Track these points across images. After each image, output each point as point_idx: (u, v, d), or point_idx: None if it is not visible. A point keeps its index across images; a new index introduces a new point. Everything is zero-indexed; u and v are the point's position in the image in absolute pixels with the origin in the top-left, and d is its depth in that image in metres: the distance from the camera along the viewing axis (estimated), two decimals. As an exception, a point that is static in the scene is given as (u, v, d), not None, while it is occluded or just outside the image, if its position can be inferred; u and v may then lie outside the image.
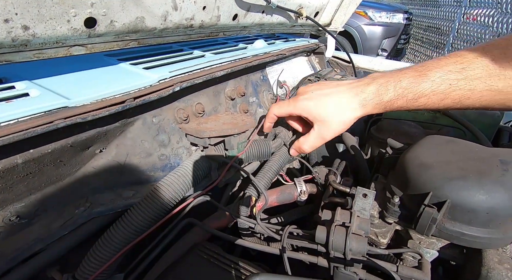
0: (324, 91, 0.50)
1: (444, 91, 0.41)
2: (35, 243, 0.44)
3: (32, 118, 0.34)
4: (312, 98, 0.50)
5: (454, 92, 0.40)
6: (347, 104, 0.48)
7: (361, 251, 0.42)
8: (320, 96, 0.50)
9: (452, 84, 0.40)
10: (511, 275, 0.38)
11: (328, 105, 0.49)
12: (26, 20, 0.34)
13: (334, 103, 0.48)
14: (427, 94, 0.42)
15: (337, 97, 0.48)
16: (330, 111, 0.49)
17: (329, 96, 0.49)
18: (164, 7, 0.50)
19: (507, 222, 0.40)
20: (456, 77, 0.40)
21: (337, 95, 0.49)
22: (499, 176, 0.40)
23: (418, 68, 0.43)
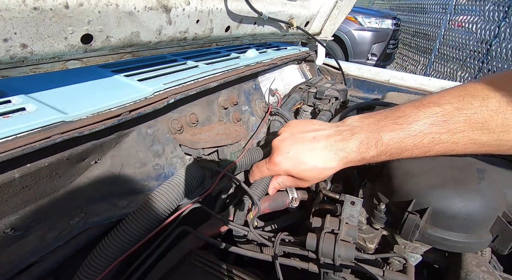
0: (299, 149, 0.48)
1: (427, 144, 0.40)
2: (30, 255, 0.44)
3: (30, 134, 0.35)
4: (288, 159, 0.48)
5: (438, 146, 0.40)
6: (325, 164, 0.46)
7: (349, 257, 0.44)
8: (297, 156, 0.48)
9: (434, 137, 0.39)
10: (487, 277, 0.41)
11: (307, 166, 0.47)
12: (25, 38, 0.35)
13: (312, 164, 0.46)
14: (409, 148, 0.41)
15: (314, 157, 0.46)
16: (308, 173, 0.47)
17: (305, 156, 0.47)
18: (158, 21, 0.52)
19: (483, 227, 0.43)
20: (439, 131, 0.39)
21: (314, 153, 0.47)
22: (476, 184, 0.43)
23: (399, 119, 0.42)
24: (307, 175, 0.47)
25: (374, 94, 1.27)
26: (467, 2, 4.07)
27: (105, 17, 0.42)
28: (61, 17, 0.37)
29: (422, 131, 0.39)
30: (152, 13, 0.49)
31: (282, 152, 0.49)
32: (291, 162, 0.47)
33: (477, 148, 0.39)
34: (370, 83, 1.27)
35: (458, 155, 0.41)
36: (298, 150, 0.47)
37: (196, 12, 0.58)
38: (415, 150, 0.40)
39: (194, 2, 0.57)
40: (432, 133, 0.39)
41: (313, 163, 0.46)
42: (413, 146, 0.40)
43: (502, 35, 3.39)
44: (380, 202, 0.52)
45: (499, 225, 0.43)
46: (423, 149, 0.40)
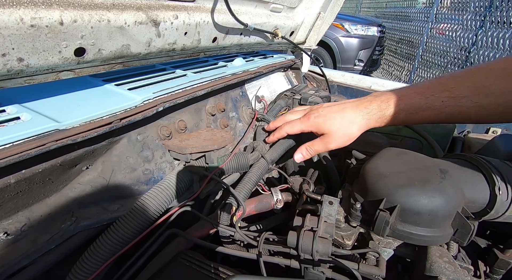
0: (332, 109, 0.58)
1: (439, 107, 0.47)
2: (22, 258, 0.46)
3: (25, 142, 0.37)
4: (321, 116, 0.58)
5: (447, 108, 0.47)
6: (351, 119, 0.55)
7: (326, 252, 0.48)
8: (328, 114, 0.58)
9: (444, 101, 0.47)
10: (448, 267, 0.46)
11: (335, 121, 0.56)
12: (22, 53, 0.38)
13: (341, 118, 0.56)
14: (424, 109, 0.48)
15: (343, 114, 0.56)
16: (336, 126, 0.56)
17: (336, 113, 0.57)
18: (148, 34, 0.55)
19: (445, 222, 0.48)
20: (447, 95, 0.46)
21: (343, 112, 0.56)
22: (438, 183, 0.48)
23: (416, 87, 0.51)
24: (337, 127, 0.56)
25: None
26: (448, 11, 4.28)
27: (98, 32, 0.45)
28: (56, 33, 0.40)
29: (433, 94, 0.47)
30: (142, 27, 0.52)
31: (316, 110, 0.60)
32: (322, 117, 0.58)
33: (479, 111, 0.46)
34: (353, 90, 1.34)
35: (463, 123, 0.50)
36: (330, 110, 0.58)
37: (184, 25, 0.62)
38: (428, 111, 0.48)
39: (182, 16, 0.61)
40: (442, 97, 0.46)
41: (341, 118, 0.56)
42: (426, 107, 0.48)
43: (479, 43, 3.57)
44: (356, 201, 0.56)
45: (458, 220, 0.47)
46: (435, 110, 0.48)
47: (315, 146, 0.61)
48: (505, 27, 3.19)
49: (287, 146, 0.79)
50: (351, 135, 0.57)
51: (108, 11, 0.46)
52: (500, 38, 3.22)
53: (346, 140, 0.58)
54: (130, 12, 0.49)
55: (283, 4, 0.97)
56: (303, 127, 0.61)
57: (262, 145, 0.76)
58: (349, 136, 0.57)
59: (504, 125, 1.03)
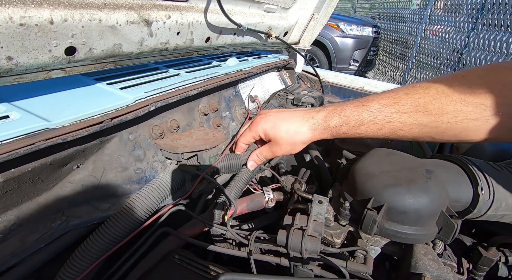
0: (280, 116, 0.58)
1: (381, 121, 0.48)
2: (11, 257, 0.46)
3: (15, 141, 0.37)
4: (268, 121, 0.58)
5: (389, 123, 0.48)
6: (297, 129, 0.55)
7: (315, 250, 0.48)
8: (276, 120, 0.58)
9: (386, 116, 0.47)
10: (432, 264, 0.47)
11: (281, 128, 0.56)
12: (11, 52, 0.37)
13: (287, 127, 0.56)
14: (366, 122, 0.49)
15: (289, 122, 0.56)
16: (282, 134, 0.57)
17: (283, 121, 0.57)
18: (140, 34, 0.55)
19: (430, 221, 0.49)
20: (390, 110, 0.47)
21: (290, 120, 0.56)
22: (423, 183, 0.49)
23: (361, 100, 0.51)
24: (282, 136, 0.57)
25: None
26: (441, 13, 4.34)
27: (88, 31, 0.45)
28: (46, 32, 0.40)
29: (377, 108, 0.48)
30: (134, 27, 0.53)
31: (264, 115, 0.60)
32: (270, 123, 0.58)
33: (420, 129, 0.47)
34: (346, 90, 1.35)
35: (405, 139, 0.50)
36: (278, 116, 0.58)
37: (176, 25, 0.62)
38: (371, 125, 0.49)
39: (175, 15, 0.61)
40: (385, 111, 0.47)
41: (288, 125, 0.56)
42: (369, 120, 0.49)
43: (471, 45, 3.63)
44: (345, 200, 0.57)
45: (443, 219, 0.49)
46: (377, 125, 0.49)
47: (264, 152, 0.62)
48: (496, 30, 3.24)
49: (279, 145, 0.80)
50: (295, 145, 0.58)
51: (99, 11, 0.46)
52: (491, 40, 3.28)
53: (291, 149, 0.59)
54: (122, 11, 0.49)
55: (277, 4, 0.97)
56: (253, 134, 0.61)
57: (254, 145, 0.77)
58: (293, 145, 0.58)
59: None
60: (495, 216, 0.51)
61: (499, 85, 0.41)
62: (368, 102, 0.49)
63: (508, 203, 0.49)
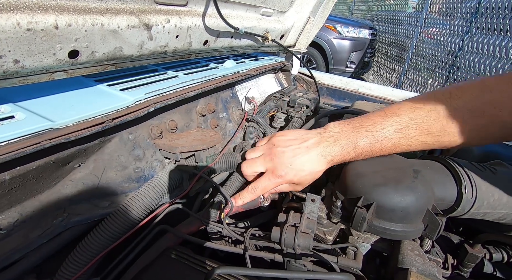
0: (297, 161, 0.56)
1: (391, 147, 0.52)
2: (13, 252, 0.47)
3: (21, 140, 0.39)
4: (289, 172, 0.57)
5: (398, 148, 0.52)
6: (317, 168, 0.56)
7: (307, 246, 0.51)
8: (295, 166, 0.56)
9: (395, 142, 0.51)
10: (418, 259, 0.49)
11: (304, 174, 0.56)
12: (17, 55, 0.39)
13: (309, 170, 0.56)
14: (378, 151, 0.53)
15: (309, 165, 0.56)
16: (306, 178, 0.57)
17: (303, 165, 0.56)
18: (140, 38, 0.57)
19: (416, 218, 0.52)
20: (398, 136, 0.51)
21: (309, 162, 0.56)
22: (410, 182, 0.52)
23: (369, 128, 0.53)
24: (306, 179, 0.57)
25: (345, 102, 1.37)
26: (437, 16, 4.40)
27: (91, 35, 0.47)
28: (51, 36, 0.42)
29: (387, 137, 0.51)
30: (135, 31, 0.55)
31: (285, 165, 0.57)
32: (294, 172, 0.56)
33: (425, 147, 0.52)
34: (341, 92, 1.38)
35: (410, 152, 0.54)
36: (298, 161, 0.56)
37: (175, 29, 0.64)
38: (382, 151, 0.53)
39: (174, 19, 0.63)
40: (394, 138, 0.51)
41: (310, 169, 0.56)
42: (380, 149, 0.53)
43: (465, 48, 3.69)
44: (337, 199, 0.59)
45: (428, 216, 0.51)
46: (388, 150, 0.53)
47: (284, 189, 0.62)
48: (489, 33, 3.30)
49: (274, 146, 0.82)
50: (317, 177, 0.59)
51: (101, 16, 0.47)
52: (485, 43, 3.34)
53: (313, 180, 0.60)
54: (123, 16, 0.51)
55: (274, 8, 1.00)
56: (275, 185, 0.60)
57: (251, 145, 0.79)
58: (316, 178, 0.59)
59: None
60: (478, 214, 0.53)
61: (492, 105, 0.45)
62: (377, 130, 0.52)
63: (489, 202, 0.52)
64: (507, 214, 0.53)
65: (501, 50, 3.10)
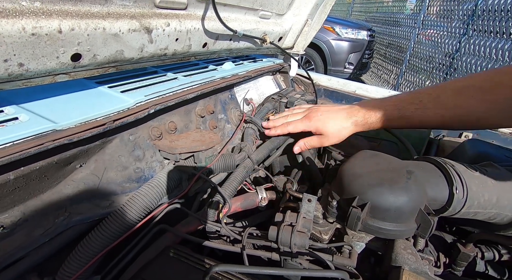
0: (327, 115, 0.74)
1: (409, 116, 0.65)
2: (17, 250, 0.48)
3: (25, 141, 0.40)
4: (319, 120, 0.75)
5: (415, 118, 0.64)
6: (343, 124, 0.72)
7: (303, 245, 0.52)
8: (325, 119, 0.74)
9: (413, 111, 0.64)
10: (410, 257, 0.51)
11: (330, 125, 0.73)
12: (22, 58, 0.40)
13: (334, 124, 0.73)
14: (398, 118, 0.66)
15: (336, 120, 0.73)
16: (331, 129, 0.73)
17: (331, 119, 0.73)
18: (141, 41, 0.58)
19: (409, 218, 0.53)
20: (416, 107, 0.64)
21: (336, 118, 0.73)
22: (404, 183, 0.53)
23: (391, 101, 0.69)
24: (331, 131, 0.73)
25: (342, 104, 1.39)
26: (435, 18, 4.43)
27: (93, 39, 0.48)
28: (55, 40, 0.43)
29: (405, 106, 0.64)
30: (135, 34, 0.56)
31: (316, 113, 0.76)
32: (321, 121, 0.74)
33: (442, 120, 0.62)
34: (339, 93, 1.40)
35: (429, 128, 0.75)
36: (327, 114, 0.75)
37: (175, 32, 0.65)
38: (401, 119, 0.66)
39: (174, 23, 0.64)
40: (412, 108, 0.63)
41: (334, 123, 0.73)
42: (399, 116, 0.66)
43: (462, 50, 3.72)
44: (333, 199, 0.61)
45: (421, 216, 0.53)
46: (406, 118, 0.65)
47: (312, 141, 0.77)
48: (486, 36, 3.34)
49: (272, 148, 0.84)
50: (341, 137, 0.74)
51: (103, 20, 0.49)
52: (481, 45, 3.37)
53: (337, 140, 0.75)
54: (124, 20, 0.52)
55: (272, 11, 1.01)
56: (304, 127, 0.77)
57: (249, 146, 0.80)
58: (339, 137, 0.74)
59: (475, 131, 1.11)
60: (469, 213, 0.55)
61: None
62: (398, 102, 0.66)
63: (480, 202, 0.53)
64: (497, 214, 0.55)
65: (497, 52, 3.13)
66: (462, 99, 0.58)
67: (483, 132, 1.10)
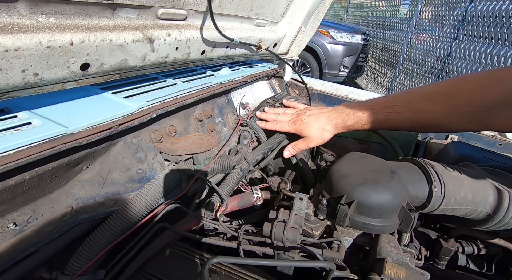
0: (310, 119, 0.82)
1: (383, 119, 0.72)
2: (28, 246, 0.52)
3: (40, 144, 0.44)
4: (303, 124, 0.83)
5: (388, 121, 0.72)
6: (324, 127, 0.81)
7: (295, 239, 0.56)
8: (308, 122, 0.82)
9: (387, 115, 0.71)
10: (393, 250, 0.56)
11: (312, 128, 0.81)
12: (37, 69, 0.44)
13: (316, 126, 0.81)
14: (373, 120, 0.73)
15: (318, 122, 0.81)
16: (313, 131, 0.81)
17: (313, 122, 0.81)
18: (143, 50, 0.62)
19: (392, 214, 0.58)
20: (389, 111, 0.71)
21: (318, 121, 0.81)
22: (387, 182, 0.58)
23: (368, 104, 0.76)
24: (313, 133, 0.81)
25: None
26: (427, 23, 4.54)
27: (101, 49, 0.53)
28: (67, 52, 0.47)
29: (379, 110, 0.72)
30: (139, 44, 0.60)
31: (301, 117, 0.85)
32: (304, 124, 0.83)
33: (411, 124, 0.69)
34: (332, 97, 1.45)
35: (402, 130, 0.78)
36: (310, 118, 0.83)
37: (175, 41, 0.69)
38: (376, 122, 0.73)
39: (174, 33, 0.68)
40: (386, 112, 0.71)
41: (317, 126, 0.81)
42: (374, 118, 0.73)
43: (453, 54, 3.82)
44: (323, 197, 0.65)
45: (403, 213, 0.57)
46: (380, 122, 0.73)
47: (299, 145, 0.85)
48: (475, 41, 3.44)
49: (266, 150, 0.88)
50: (324, 138, 0.82)
51: (110, 32, 0.53)
52: (471, 50, 3.47)
53: (321, 141, 0.83)
54: (129, 32, 0.57)
55: (267, 19, 1.06)
56: (289, 129, 0.86)
57: (245, 148, 0.85)
58: (323, 139, 0.82)
59: (460, 133, 1.17)
60: (447, 210, 0.60)
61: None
62: (374, 106, 0.73)
63: (456, 199, 0.58)
64: (473, 210, 0.60)
65: (486, 57, 3.23)
66: (429, 104, 0.64)
67: (468, 135, 1.15)
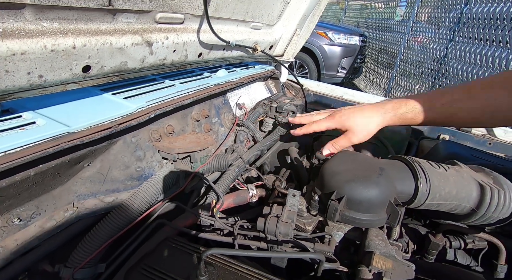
0: (353, 110, 0.70)
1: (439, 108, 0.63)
2: (32, 240, 0.54)
3: (44, 142, 0.46)
4: (344, 115, 0.70)
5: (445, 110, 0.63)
6: (370, 117, 0.67)
7: (287, 233, 0.59)
8: (350, 113, 0.70)
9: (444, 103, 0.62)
10: (380, 243, 0.58)
11: (356, 118, 0.68)
12: (42, 71, 0.47)
13: (361, 116, 0.68)
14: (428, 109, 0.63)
15: (362, 112, 0.68)
16: (357, 122, 0.68)
17: (356, 112, 0.69)
18: (142, 53, 0.65)
19: (380, 209, 0.60)
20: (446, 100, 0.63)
21: (362, 111, 0.69)
22: (375, 178, 0.61)
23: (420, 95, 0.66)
24: (358, 124, 0.68)
25: (330, 108, 1.47)
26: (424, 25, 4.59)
27: (102, 52, 0.55)
28: (70, 55, 0.49)
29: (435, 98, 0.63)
30: (138, 48, 0.63)
31: (339, 111, 0.73)
32: (346, 116, 0.70)
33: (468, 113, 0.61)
34: (327, 98, 1.48)
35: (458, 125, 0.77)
36: (351, 110, 0.71)
37: (173, 44, 0.72)
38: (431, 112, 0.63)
39: (172, 36, 0.71)
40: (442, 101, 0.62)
41: (361, 116, 0.69)
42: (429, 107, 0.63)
43: (449, 55, 3.87)
44: (315, 194, 0.68)
45: (391, 208, 0.60)
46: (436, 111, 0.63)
47: (340, 142, 0.73)
48: (471, 42, 3.48)
49: (262, 149, 0.91)
50: (370, 130, 0.69)
51: (111, 36, 0.56)
52: (467, 52, 3.51)
53: (366, 134, 0.70)
54: (128, 35, 0.59)
55: (263, 22, 1.09)
56: (329, 125, 0.73)
57: (240, 148, 0.87)
58: (368, 131, 0.69)
59: (451, 133, 1.20)
60: (432, 205, 0.62)
61: None
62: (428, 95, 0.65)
63: (441, 194, 0.61)
64: (457, 205, 0.62)
65: (482, 58, 3.27)
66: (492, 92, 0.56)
67: (459, 134, 1.19)
